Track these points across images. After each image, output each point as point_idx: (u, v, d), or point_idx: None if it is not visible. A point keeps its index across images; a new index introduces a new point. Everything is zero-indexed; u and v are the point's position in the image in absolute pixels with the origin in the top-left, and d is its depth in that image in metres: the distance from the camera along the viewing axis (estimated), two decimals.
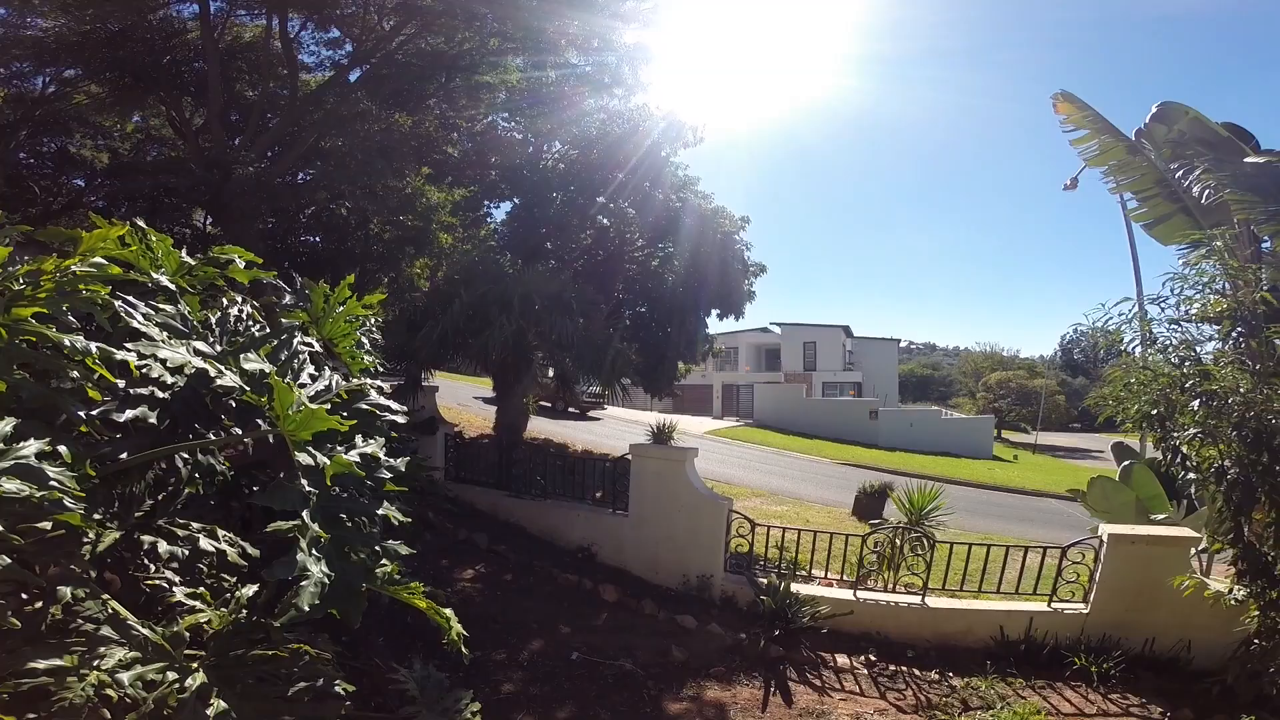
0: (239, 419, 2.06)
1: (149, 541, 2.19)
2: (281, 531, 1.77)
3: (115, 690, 1.70)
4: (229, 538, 2.17)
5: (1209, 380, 4.44)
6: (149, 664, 1.80)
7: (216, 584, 2.31)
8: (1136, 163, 6.89)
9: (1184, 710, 4.80)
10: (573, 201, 14.03)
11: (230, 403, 2.01)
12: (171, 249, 2.32)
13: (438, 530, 7.76)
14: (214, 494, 2.50)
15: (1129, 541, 5.69)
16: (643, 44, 12.42)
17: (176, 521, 2.29)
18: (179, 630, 1.94)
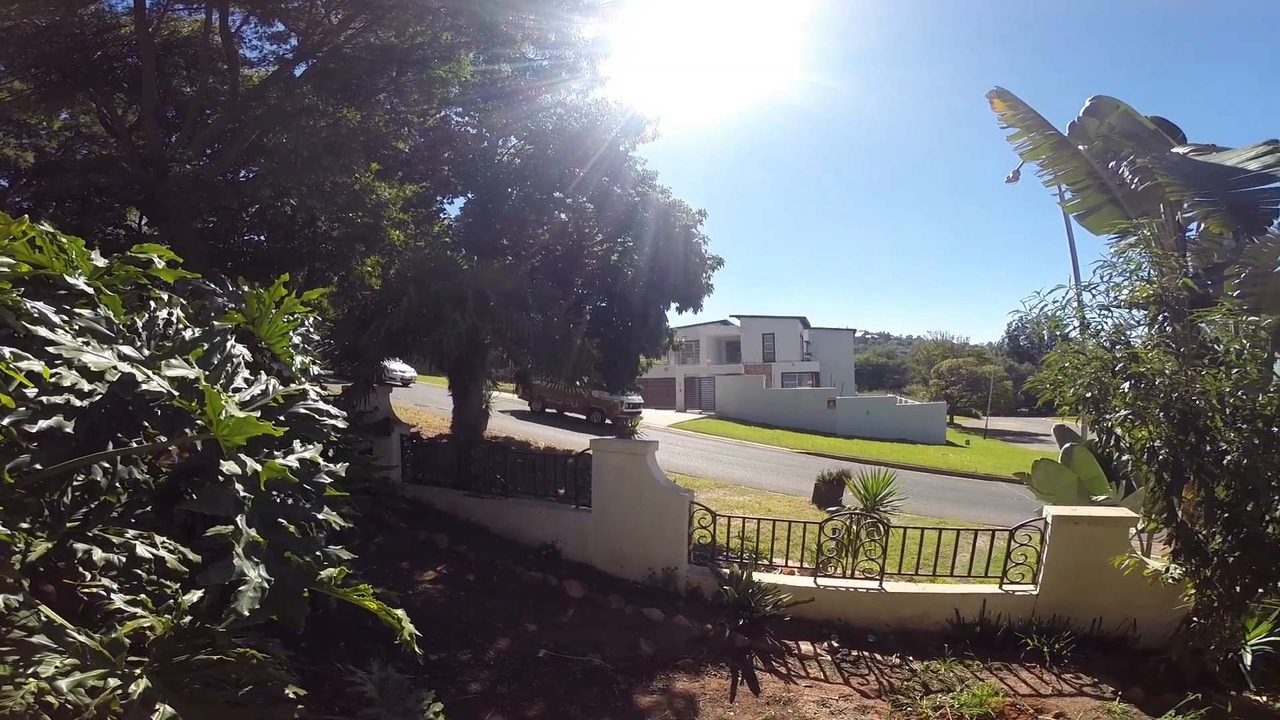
0: (169, 425, 1.99)
1: (83, 550, 2.14)
2: (220, 536, 1.74)
3: (55, 698, 1.67)
4: (167, 544, 2.10)
5: (1137, 363, 4.61)
6: (88, 671, 1.77)
7: (158, 591, 2.25)
8: (1068, 156, 7.15)
9: (1134, 689, 4.92)
10: (529, 197, 13.87)
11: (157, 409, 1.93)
12: (84, 250, 2.21)
13: (396, 532, 7.61)
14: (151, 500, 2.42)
15: (1071, 523, 5.85)
16: (602, 38, 12.33)
17: (111, 529, 2.21)
18: (118, 637, 1.91)
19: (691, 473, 16.07)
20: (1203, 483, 4.42)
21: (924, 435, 29.39)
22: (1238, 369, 4.40)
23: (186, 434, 1.95)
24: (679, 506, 6.87)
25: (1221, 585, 4.54)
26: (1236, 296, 6.08)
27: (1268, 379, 4.40)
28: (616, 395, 23.25)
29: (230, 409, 1.84)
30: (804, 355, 44.64)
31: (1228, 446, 4.31)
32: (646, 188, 15.92)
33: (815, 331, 46.87)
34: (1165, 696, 4.68)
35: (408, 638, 2.24)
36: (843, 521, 6.70)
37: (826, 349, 45.89)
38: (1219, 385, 4.33)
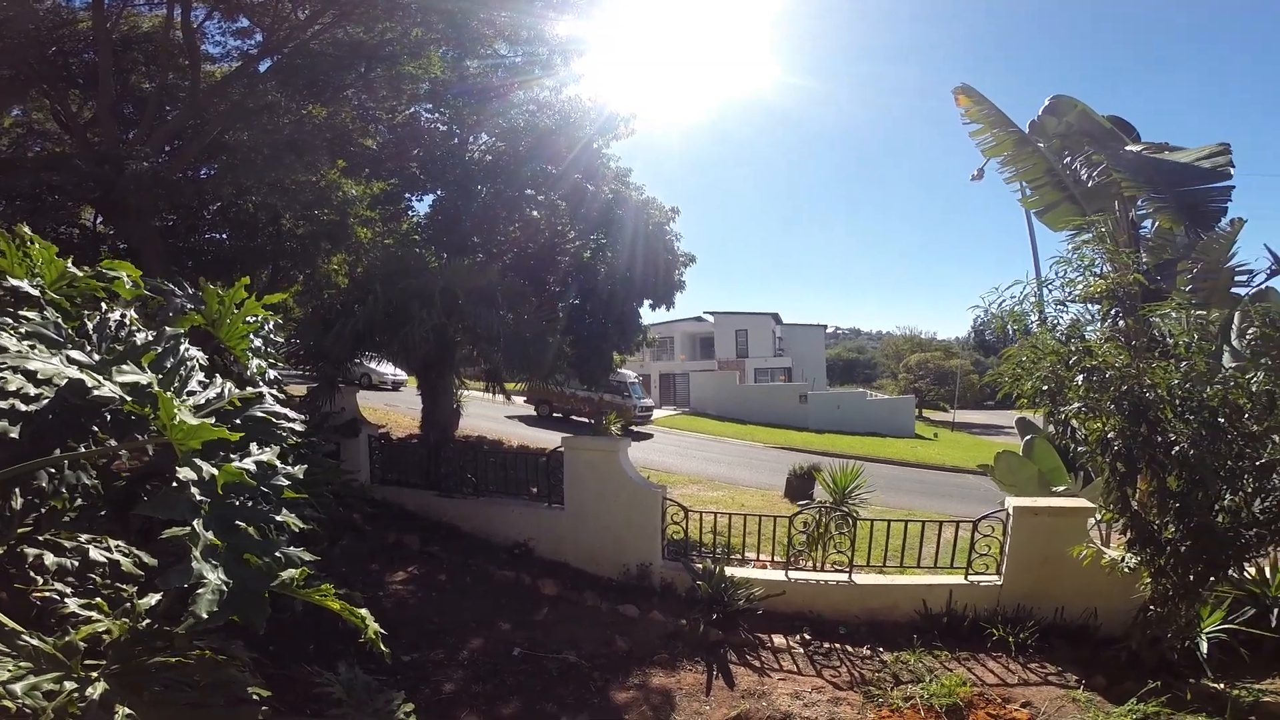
0: (120, 430, 1.96)
1: (34, 554, 2.11)
2: (176, 539, 1.73)
3: (11, 702, 1.66)
4: (122, 548, 2.07)
5: (1091, 356, 4.73)
6: (43, 674, 1.76)
7: (114, 595, 2.22)
8: (1028, 153, 7.31)
9: (1097, 678, 5.00)
10: (500, 194, 13.76)
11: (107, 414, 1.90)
12: (55, 258, 2.16)
13: (365, 535, 7.53)
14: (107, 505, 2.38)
15: (1032, 514, 5.95)
16: (576, 35, 12.24)
17: (64, 534, 2.17)
18: (72, 640, 1.89)
19: (666, 469, 16.14)
20: (1154, 473, 4.54)
21: (893, 428, 29.92)
22: (1187, 362, 4.54)
23: (138, 439, 1.92)
24: (652, 503, 6.90)
25: (1175, 574, 4.67)
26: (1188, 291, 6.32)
27: (1215, 371, 4.57)
28: (630, 399, 23.23)
29: (184, 414, 1.82)
30: (776, 351, 45.06)
31: (1177, 437, 4.44)
32: (620, 185, 15.90)
33: (787, 327, 47.32)
34: (1127, 685, 4.77)
35: (372, 636, 2.24)
36: (812, 515, 6.78)
37: (798, 345, 46.38)
38: (1168, 378, 4.46)
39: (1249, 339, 4.68)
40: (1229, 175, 6.36)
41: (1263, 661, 4.92)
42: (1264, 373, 4.34)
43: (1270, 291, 6.65)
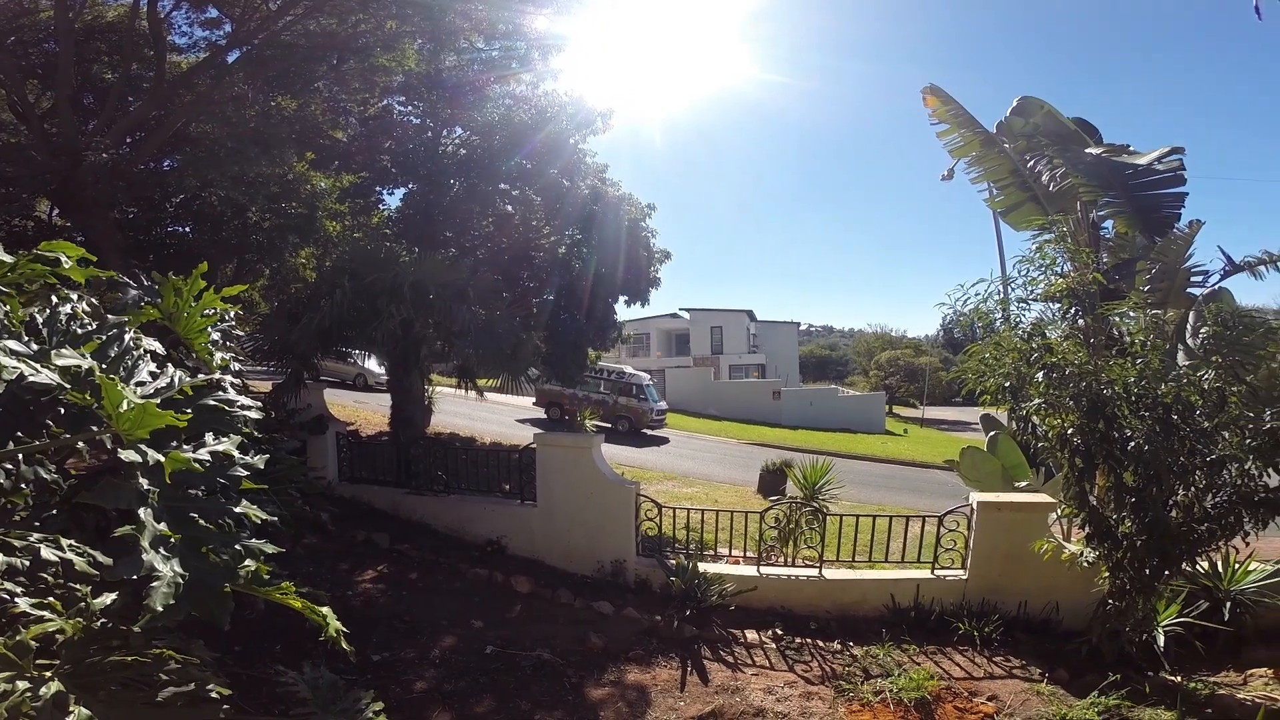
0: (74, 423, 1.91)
1: None
2: (129, 535, 1.70)
3: None
4: (76, 546, 2.02)
5: (1051, 354, 4.83)
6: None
7: (67, 594, 2.17)
8: (994, 154, 7.45)
9: (1060, 671, 5.09)
10: (474, 189, 13.59)
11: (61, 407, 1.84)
12: None
13: (332, 533, 7.41)
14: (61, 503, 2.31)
15: (995, 509, 6.07)
16: (553, 30, 12.17)
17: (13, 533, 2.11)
18: (23, 640, 1.84)
19: (641, 465, 16.17)
20: (1111, 468, 4.66)
21: (865, 424, 30.33)
22: (1142, 360, 4.66)
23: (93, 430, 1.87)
24: (625, 499, 6.91)
25: (1132, 568, 4.78)
26: (1147, 291, 6.52)
27: (1169, 369, 4.71)
28: (646, 401, 22.40)
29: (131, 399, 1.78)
30: (750, 348, 45.40)
31: (1133, 433, 4.56)
32: (597, 181, 15.83)
33: (761, 325, 47.69)
34: (1088, 678, 4.86)
35: (334, 634, 2.21)
36: (783, 510, 6.86)
37: (772, 341, 46.75)
38: (1125, 375, 4.58)
39: (1202, 338, 4.83)
40: (1183, 181, 6.56)
41: (1216, 654, 5.02)
42: (1214, 371, 4.48)
43: (1223, 292, 6.88)
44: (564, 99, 14.25)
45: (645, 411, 22.21)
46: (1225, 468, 4.57)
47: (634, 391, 22.61)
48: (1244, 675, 4.91)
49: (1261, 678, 4.83)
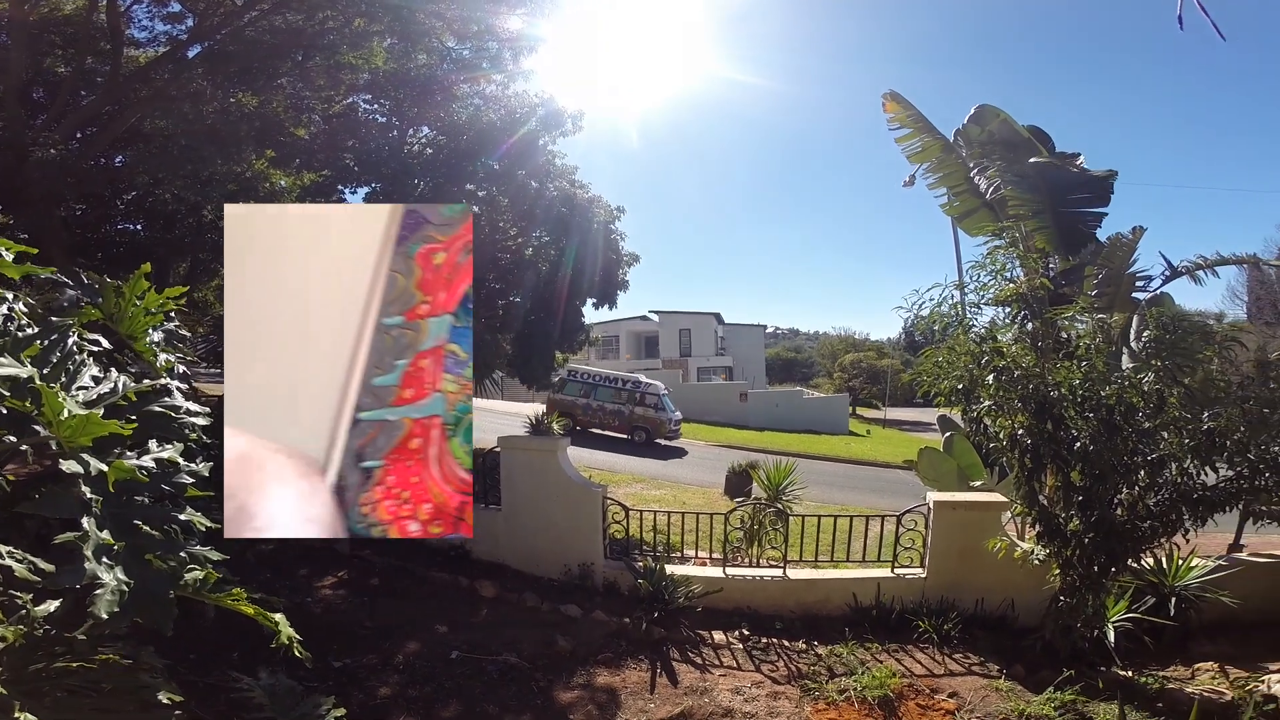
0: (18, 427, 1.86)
1: None
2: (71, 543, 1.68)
3: None
4: (15, 553, 1.97)
5: (1001, 357, 4.96)
6: None
7: (8, 601, 2.12)
8: (951, 160, 7.62)
9: (1017, 667, 5.20)
10: (439, 189, 13.40)
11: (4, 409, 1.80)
12: None
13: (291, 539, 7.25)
14: None
15: (951, 508, 6.19)
16: (526, 31, 12.07)
17: None
18: None
19: (610, 468, 16.18)
20: (1059, 468, 4.80)
21: (829, 426, 30.84)
22: (1087, 362, 4.82)
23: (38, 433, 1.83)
24: (592, 502, 6.91)
25: (1081, 565, 4.90)
26: (1094, 295, 6.77)
27: (1113, 371, 4.89)
28: (663, 412, 21.86)
29: (71, 407, 1.75)
30: (718, 350, 45.82)
31: (1079, 434, 4.71)
32: (566, 183, 15.78)
33: (729, 327, 48.18)
34: (1044, 673, 4.97)
35: (285, 640, 2.19)
36: (748, 511, 6.94)
37: (739, 344, 47.26)
38: (1070, 377, 4.73)
39: (1144, 341, 5.04)
40: (1106, 201, 6.78)
41: (1164, 649, 5.17)
42: (1154, 374, 4.66)
43: (1165, 296, 7.19)
44: (535, 100, 14.16)
45: (663, 422, 21.64)
46: (1166, 467, 4.73)
47: (650, 401, 22.06)
48: (1191, 669, 5.07)
49: (1208, 671, 4.98)
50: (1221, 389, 4.67)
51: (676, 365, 40.68)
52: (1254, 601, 5.43)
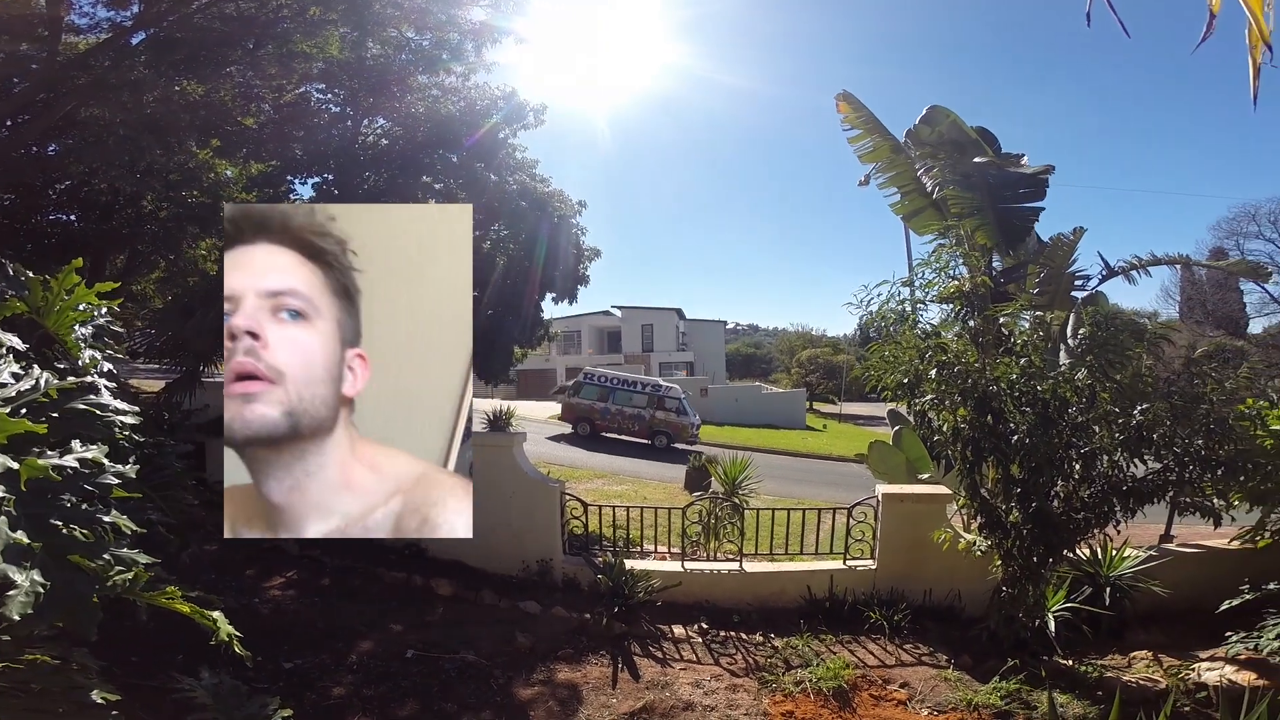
0: None
1: None
2: None
3: None
4: None
5: (944, 352, 5.11)
6: None
7: None
8: (900, 160, 7.77)
9: (964, 657, 5.32)
10: (393, 181, 13.13)
11: None
12: None
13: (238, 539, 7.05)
14: None
15: (899, 500, 6.35)
16: (491, 24, 11.87)
17: None
18: None
19: (571, 464, 16.16)
20: (999, 461, 4.94)
21: (787, 420, 31.37)
22: (1025, 358, 5.00)
23: None
24: (550, 498, 6.89)
25: (1021, 556, 5.05)
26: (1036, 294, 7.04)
27: (1050, 367, 5.09)
28: (685, 415, 21.40)
29: None
30: (680, 345, 46.15)
31: (1016, 427, 4.87)
32: (525, 176, 15.61)
33: (690, 323, 48.56)
34: (990, 663, 5.10)
35: (225, 638, 2.15)
36: (705, 505, 7.02)
37: (700, 340, 47.71)
38: (1009, 372, 4.89)
39: (1079, 338, 5.26)
40: (1042, 196, 7.01)
41: (1102, 638, 5.29)
42: (1086, 369, 4.85)
43: (1100, 295, 7.52)
44: (496, 93, 13.97)
45: (685, 426, 21.07)
46: (1098, 459, 4.93)
47: (671, 405, 21.54)
48: (1128, 658, 5.25)
49: (1143, 659, 5.16)
50: (1149, 384, 4.89)
51: (639, 360, 40.84)
52: (1183, 590, 5.60)
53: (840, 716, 4.62)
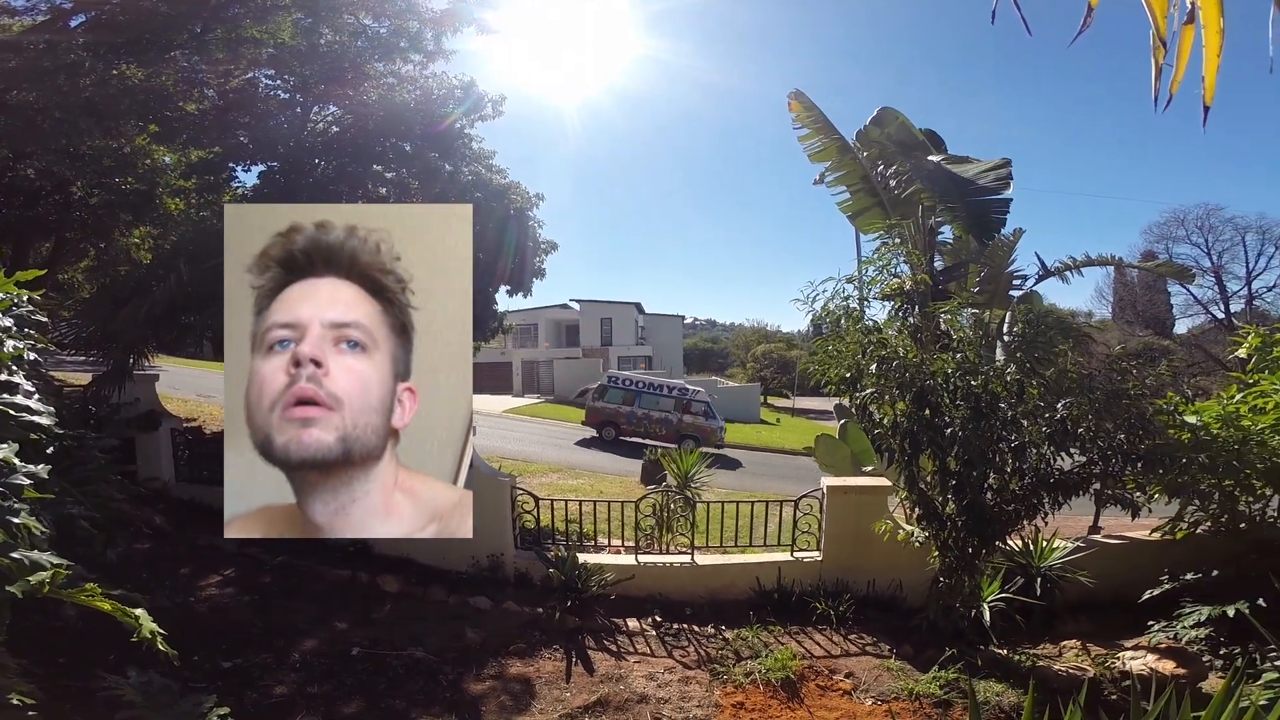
0: None
1: None
2: None
3: None
4: None
5: (884, 347, 5.25)
6: None
7: None
8: (848, 160, 7.96)
9: (906, 646, 5.42)
10: (343, 169, 12.78)
11: None
12: None
13: (172, 537, 6.82)
14: None
15: (843, 492, 6.45)
16: (453, 12, 11.61)
17: None
18: None
19: (526, 458, 16.06)
20: (936, 454, 5.09)
21: (742, 414, 31.81)
22: (961, 354, 5.16)
23: None
24: (500, 493, 6.83)
25: (957, 547, 5.22)
26: (976, 292, 7.32)
27: (985, 363, 5.28)
28: (712, 420, 20.95)
29: None
30: (638, 340, 46.21)
31: (951, 420, 5.04)
32: (481, 167, 15.39)
33: (649, 317, 48.66)
34: (930, 652, 5.19)
35: (148, 634, 2.11)
36: (658, 498, 7.07)
37: (659, 334, 47.88)
38: (944, 367, 5.05)
39: (1012, 335, 5.48)
40: (1008, 187, 7.29)
41: (1034, 627, 5.44)
42: (1016, 365, 5.06)
43: (1034, 294, 7.87)
44: (454, 82, 13.69)
45: (714, 430, 20.73)
46: (1027, 452, 5.10)
47: (698, 409, 21.21)
48: (1059, 647, 5.41)
49: (1073, 649, 5.32)
50: (1074, 380, 5.08)
51: (597, 354, 40.72)
52: (1109, 580, 5.76)
53: (788, 707, 4.70)
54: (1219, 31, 1.05)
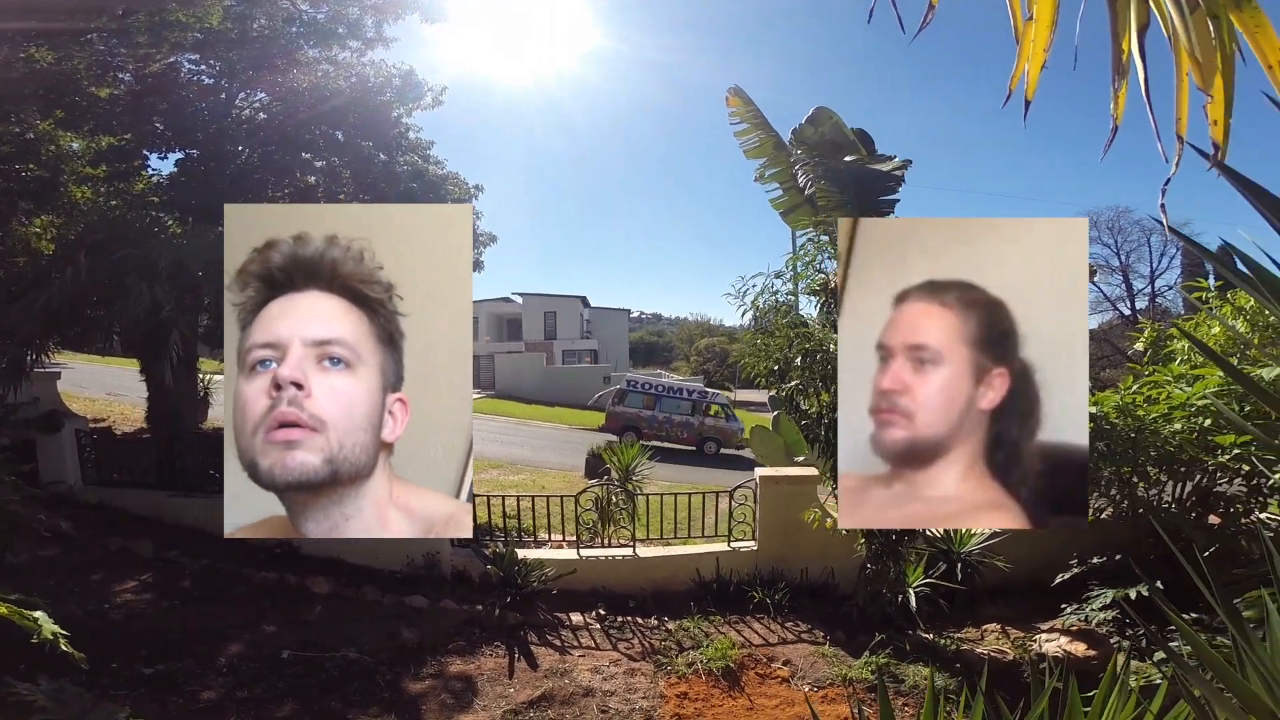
0: None
1: None
2: None
3: None
4: None
5: (808, 340, 5.39)
6: None
7: None
8: (781, 158, 8.13)
9: (839, 633, 5.52)
10: (269, 157, 12.25)
11: None
12: None
13: (79, 543, 6.49)
14: None
15: (774, 482, 6.53)
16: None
17: None
18: None
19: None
20: None
21: None
22: None
23: None
24: None
25: (880, 534, 5.31)
26: None
27: None
28: (732, 421, 20.49)
29: None
30: (584, 333, 45.95)
31: None
32: (418, 157, 15.05)
33: (595, 311, 48.46)
34: (861, 638, 5.31)
35: (49, 636, 2.08)
36: (599, 491, 7.10)
37: (605, 327, 47.73)
38: None
39: None
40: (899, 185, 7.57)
41: (957, 612, 5.57)
42: None
43: None
44: (392, 70, 13.26)
45: (734, 432, 20.23)
46: None
47: (717, 411, 20.92)
48: (981, 630, 5.54)
49: (994, 632, 5.46)
50: None
51: (541, 348, 40.31)
52: (1024, 565, 5.88)
53: (730, 696, 4.81)
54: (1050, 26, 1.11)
